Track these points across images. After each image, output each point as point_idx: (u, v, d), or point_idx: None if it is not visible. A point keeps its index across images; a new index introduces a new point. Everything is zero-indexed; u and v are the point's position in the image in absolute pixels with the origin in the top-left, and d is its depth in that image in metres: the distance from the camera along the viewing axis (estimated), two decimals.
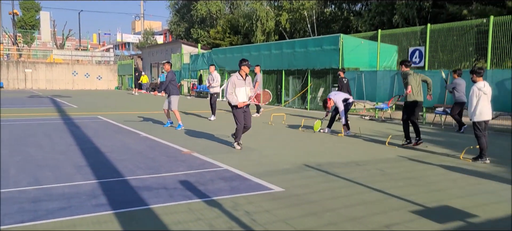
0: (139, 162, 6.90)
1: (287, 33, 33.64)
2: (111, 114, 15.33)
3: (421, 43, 15.14)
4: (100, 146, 8.40)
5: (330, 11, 33.62)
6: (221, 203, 4.74)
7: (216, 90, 14.12)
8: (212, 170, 6.41)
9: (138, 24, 79.48)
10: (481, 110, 7.26)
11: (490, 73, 11.97)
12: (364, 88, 16.12)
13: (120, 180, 5.71)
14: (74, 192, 5.07)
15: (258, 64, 16.46)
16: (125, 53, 61.20)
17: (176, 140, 9.40)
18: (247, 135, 10.36)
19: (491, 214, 4.54)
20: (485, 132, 7.42)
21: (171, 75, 11.30)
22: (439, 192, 5.39)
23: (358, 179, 5.97)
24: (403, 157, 7.82)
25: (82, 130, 10.89)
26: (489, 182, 6.03)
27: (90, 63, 46.35)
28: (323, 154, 7.98)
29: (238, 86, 8.17)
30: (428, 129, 12.44)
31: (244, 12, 37.71)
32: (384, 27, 22.44)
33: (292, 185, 5.60)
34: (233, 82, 8.19)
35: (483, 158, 7.40)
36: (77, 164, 6.69)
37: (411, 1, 22.40)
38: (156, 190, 5.24)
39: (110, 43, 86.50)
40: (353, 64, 17.67)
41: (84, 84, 43.37)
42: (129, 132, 10.63)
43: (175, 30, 49.39)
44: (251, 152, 8.07)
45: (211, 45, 38.35)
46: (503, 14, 14.61)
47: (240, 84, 8.19)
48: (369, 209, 4.63)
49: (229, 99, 8.17)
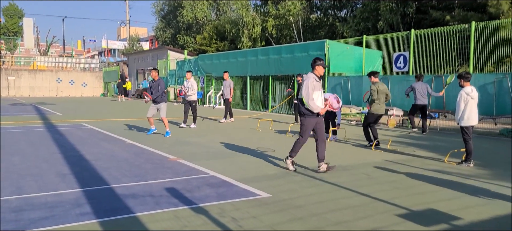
0: (125, 170, 6.82)
1: (274, 39, 33.78)
2: (96, 121, 15.16)
3: (406, 48, 15.35)
4: (84, 154, 8.29)
5: (316, 17, 33.89)
6: (207, 210, 4.71)
7: (193, 98, 13.52)
8: (199, 177, 6.37)
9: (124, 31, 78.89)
10: (469, 115, 7.34)
11: (472, 78, 12.16)
12: (350, 93, 16.25)
13: (105, 188, 5.64)
14: (58, 201, 4.99)
15: (226, 71, 16.35)
16: (110, 60, 60.68)
17: (162, 147, 9.33)
18: (234, 141, 10.35)
19: (476, 217, 4.60)
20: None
21: (163, 83, 11.23)
22: (424, 195, 5.44)
23: (344, 184, 6.00)
24: (389, 161, 7.88)
25: (66, 137, 10.74)
26: (473, 184, 6.11)
27: (74, 70, 45.84)
28: (310, 159, 7.99)
29: (316, 90, 6.76)
30: (413, 133, 12.58)
31: (230, 18, 37.77)
32: (369, 33, 22.72)
33: (279, 190, 5.59)
34: (312, 84, 6.70)
35: (468, 162, 7.51)
36: (61, 172, 6.59)
37: (395, 7, 22.71)
38: (142, 197, 5.19)
39: (95, 50, 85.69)
40: (339, 69, 17.81)
41: (68, 91, 42.85)
42: (115, 139, 10.52)
43: (161, 36, 49.18)
44: (238, 158, 8.05)
45: (198, 51, 38.28)
46: (484, 20, 14.92)
47: (317, 87, 6.79)
48: (355, 213, 4.65)
49: (311, 105, 6.65)
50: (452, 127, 13.64)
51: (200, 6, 42.42)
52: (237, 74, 23.55)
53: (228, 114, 15.43)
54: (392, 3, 22.57)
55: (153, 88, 11.04)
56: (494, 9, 17.49)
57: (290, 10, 30.77)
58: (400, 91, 14.13)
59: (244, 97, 23.90)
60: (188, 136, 11.23)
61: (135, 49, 50.98)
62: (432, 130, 13.22)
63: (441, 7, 21.72)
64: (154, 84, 11.12)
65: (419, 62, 14.99)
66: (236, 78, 24.04)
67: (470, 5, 20.04)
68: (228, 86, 15.35)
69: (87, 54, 77.91)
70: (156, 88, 11.06)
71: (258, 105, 22.14)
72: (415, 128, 12.32)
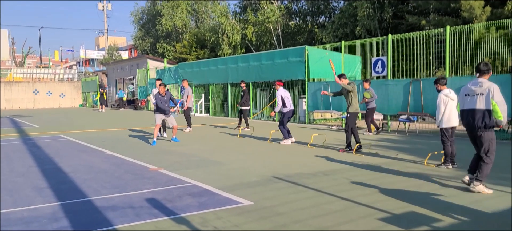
0: (104, 181, 6.69)
1: (254, 46, 33.87)
2: (75, 133, 14.87)
3: (383, 53, 15.59)
4: (62, 166, 8.10)
5: (295, 24, 34.13)
6: (189, 220, 4.65)
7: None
8: (180, 186, 6.29)
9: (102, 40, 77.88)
10: (449, 116, 7.45)
11: (449, 81, 12.39)
12: (331, 98, 16.37)
13: (83, 201, 5.51)
14: (34, 216, 4.84)
15: (185, 79, 16.21)
16: (89, 70, 59.74)
17: (143, 157, 9.20)
18: (215, 149, 10.29)
19: (456, 219, 4.66)
20: (452, 138, 7.64)
21: (169, 95, 11.97)
22: (405, 198, 5.49)
23: (326, 189, 6.02)
24: (369, 165, 7.95)
25: (43, 150, 10.49)
26: (453, 186, 6.20)
27: (52, 81, 44.92)
28: (292, 165, 8.00)
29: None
30: (393, 136, 12.74)
31: (210, 26, 37.70)
32: (347, 39, 23.00)
33: (261, 197, 5.57)
34: None
35: (446, 163, 7.62)
36: (37, 186, 6.42)
37: (372, 12, 23.06)
38: (122, 209, 5.09)
39: (73, 60, 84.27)
40: (319, 75, 17.95)
41: (46, 103, 41.98)
42: (94, 150, 10.33)
43: (140, 45, 48.70)
44: (220, 166, 7.99)
45: (178, 59, 38.06)
46: (458, 24, 15.27)
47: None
48: (337, 219, 4.65)
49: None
50: (430, 130, 13.87)
51: (179, 15, 42.22)
52: (217, 82, 23.49)
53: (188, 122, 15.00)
54: (369, 9, 22.92)
55: (164, 101, 11.63)
56: (467, 13, 17.92)
57: (269, 17, 30.92)
58: (379, 95, 14.30)
59: (225, 105, 23.83)
60: (170, 145, 11.11)
61: (114, 59, 50.32)
62: (412, 133, 13.42)
63: (416, 12, 22.16)
64: (164, 98, 11.67)
65: (397, 67, 15.23)
66: (217, 85, 23.97)
67: (444, 10, 20.50)
68: (187, 94, 15.06)
69: (64, 65, 76.56)
70: (168, 101, 11.79)
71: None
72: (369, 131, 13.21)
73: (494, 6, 18.07)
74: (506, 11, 17.22)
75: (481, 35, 13.42)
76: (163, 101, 11.68)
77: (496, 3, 18.22)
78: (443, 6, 20.31)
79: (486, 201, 5.33)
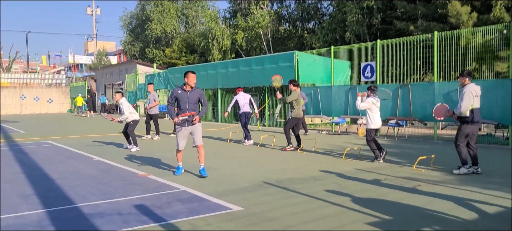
0: (92, 188, 6.60)
1: (244, 51, 33.89)
2: (62, 138, 14.69)
3: (373, 58, 15.68)
4: (49, 173, 7.98)
5: (285, 29, 34.26)
6: (178, 226, 4.59)
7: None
8: (169, 192, 6.23)
9: (91, 45, 77.33)
10: (376, 120, 8.79)
11: (437, 86, 12.53)
12: (320, 103, 16.42)
13: (71, 208, 5.42)
14: (19, 224, 4.75)
15: (151, 83, 15.80)
16: (77, 75, 59.20)
17: (131, 163, 9.11)
18: (206, 155, 10.20)
19: (446, 223, 4.68)
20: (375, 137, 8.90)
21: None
22: (395, 203, 5.50)
23: (317, 194, 6.00)
24: (359, 170, 7.96)
25: (30, 156, 10.33)
26: (441, 190, 6.23)
27: (39, 86, 44.43)
28: (282, 170, 7.98)
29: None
30: (382, 141, 12.80)
31: (200, 31, 37.65)
32: (337, 44, 23.13)
33: (252, 203, 5.53)
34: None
35: (377, 159, 8.75)
36: (23, 193, 6.30)
37: (361, 18, 23.25)
38: (109, 216, 5.01)
39: (61, 65, 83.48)
40: (309, 80, 18.00)
41: (33, 108, 41.47)
42: (81, 157, 10.20)
43: (129, 50, 48.43)
44: (210, 171, 7.93)
45: (167, 64, 37.91)
46: (446, 30, 15.44)
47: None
48: (327, 224, 4.64)
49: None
50: (420, 135, 13.97)
51: (169, 19, 42.12)
52: (207, 87, 23.42)
53: (151, 130, 14.62)
54: (358, 15, 23.11)
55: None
56: (454, 19, 18.16)
57: (259, 22, 31.00)
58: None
59: (215, 110, 23.77)
60: (158, 151, 11.02)
61: (103, 64, 50.00)
62: (401, 138, 13.50)
63: (405, 17, 22.39)
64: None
65: (386, 72, 15.33)
66: (207, 90, 23.89)
67: (432, 15, 20.75)
68: (153, 99, 14.56)
69: (52, 70, 75.76)
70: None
71: (230, 117, 22.04)
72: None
73: (480, 12, 18.34)
74: (492, 17, 17.48)
75: (468, 40, 13.58)
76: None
77: (482, 9, 18.49)
78: (430, 12, 20.56)
79: (478, 204, 5.37)
